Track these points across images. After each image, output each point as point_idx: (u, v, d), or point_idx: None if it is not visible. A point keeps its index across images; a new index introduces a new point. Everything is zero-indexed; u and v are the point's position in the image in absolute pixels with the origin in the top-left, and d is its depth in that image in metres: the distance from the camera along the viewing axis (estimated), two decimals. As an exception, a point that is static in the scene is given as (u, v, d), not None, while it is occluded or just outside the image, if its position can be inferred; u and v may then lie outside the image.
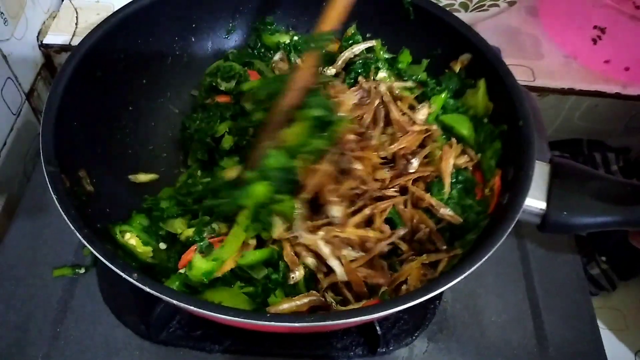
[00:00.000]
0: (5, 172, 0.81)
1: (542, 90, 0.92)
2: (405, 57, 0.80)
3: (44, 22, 0.88)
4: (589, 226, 0.58)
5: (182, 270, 0.60)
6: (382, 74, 0.78)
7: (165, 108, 0.81)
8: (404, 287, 0.60)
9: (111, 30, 0.71)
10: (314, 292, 0.59)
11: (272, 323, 0.47)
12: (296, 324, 0.47)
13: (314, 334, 0.68)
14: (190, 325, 0.68)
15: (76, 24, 0.89)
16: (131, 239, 0.64)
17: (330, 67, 0.80)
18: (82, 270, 0.72)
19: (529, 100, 0.65)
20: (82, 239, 0.52)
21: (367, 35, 0.82)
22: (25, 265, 0.73)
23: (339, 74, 0.80)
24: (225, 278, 0.61)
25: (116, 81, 0.74)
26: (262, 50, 0.84)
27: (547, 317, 0.74)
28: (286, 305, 0.57)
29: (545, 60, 0.95)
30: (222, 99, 0.79)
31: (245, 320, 0.48)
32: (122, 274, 0.50)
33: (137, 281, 0.49)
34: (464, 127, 0.72)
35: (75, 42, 0.86)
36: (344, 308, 0.58)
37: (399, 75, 0.78)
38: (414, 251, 0.64)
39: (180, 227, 0.67)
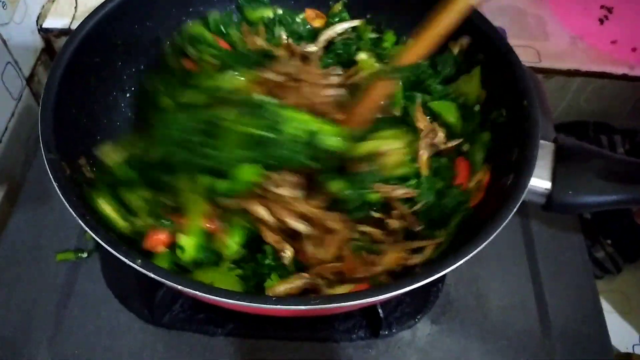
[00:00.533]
0: (7, 158, 0.81)
1: (548, 72, 0.91)
2: (390, 37, 0.78)
3: (43, 6, 0.87)
4: (594, 205, 0.57)
5: (162, 250, 0.59)
6: (362, 55, 0.75)
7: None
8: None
9: (109, 14, 0.69)
10: (305, 274, 0.59)
11: (278, 306, 0.47)
12: (302, 307, 0.47)
13: (316, 317, 0.68)
14: (193, 308, 0.68)
15: (75, 7, 0.88)
16: (104, 205, 0.61)
17: (311, 45, 0.77)
18: (85, 255, 0.72)
19: (534, 82, 0.64)
20: (84, 226, 0.52)
21: (368, 15, 0.80)
22: (28, 250, 0.73)
23: (317, 52, 0.77)
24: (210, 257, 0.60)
25: (114, 66, 0.73)
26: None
27: (550, 300, 0.73)
28: (282, 288, 0.57)
29: (551, 41, 0.93)
30: (189, 64, 0.75)
31: (250, 304, 0.47)
32: (125, 259, 0.50)
33: (141, 267, 0.49)
34: (451, 115, 0.71)
35: (75, 26, 0.85)
36: (332, 290, 0.58)
37: (380, 57, 0.76)
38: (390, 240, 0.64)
39: (139, 204, 0.62)
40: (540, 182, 0.58)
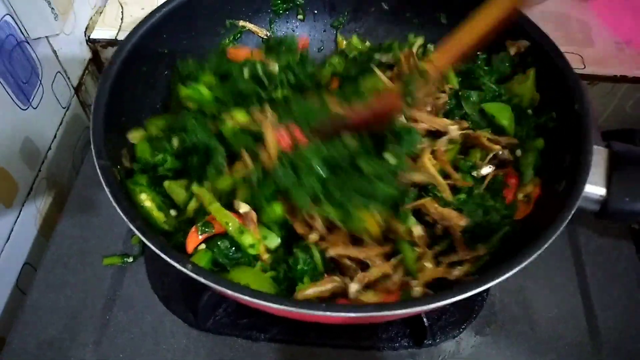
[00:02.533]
0: (56, 164, 0.83)
1: (592, 78, 0.89)
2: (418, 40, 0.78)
3: (91, 18, 0.90)
4: (653, 213, 0.55)
5: (202, 247, 0.60)
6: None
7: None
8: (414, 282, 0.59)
9: (155, 25, 0.71)
10: (336, 277, 0.59)
11: (327, 313, 0.46)
12: (351, 314, 0.47)
13: (360, 324, 0.68)
14: (237, 313, 0.68)
15: (121, 19, 0.90)
16: (146, 200, 0.63)
17: None
18: (131, 259, 0.74)
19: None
20: (135, 230, 0.53)
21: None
22: (76, 254, 0.75)
23: None
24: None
25: (161, 74, 0.75)
26: None
27: (600, 312, 0.71)
28: (311, 290, 0.57)
29: (595, 47, 0.91)
30: (243, 52, 0.76)
31: (299, 310, 0.47)
32: (176, 264, 0.50)
33: (191, 272, 0.50)
34: (505, 117, 0.69)
35: (121, 37, 0.87)
36: (362, 296, 0.57)
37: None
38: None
39: (180, 193, 0.64)
40: (594, 188, 0.56)
